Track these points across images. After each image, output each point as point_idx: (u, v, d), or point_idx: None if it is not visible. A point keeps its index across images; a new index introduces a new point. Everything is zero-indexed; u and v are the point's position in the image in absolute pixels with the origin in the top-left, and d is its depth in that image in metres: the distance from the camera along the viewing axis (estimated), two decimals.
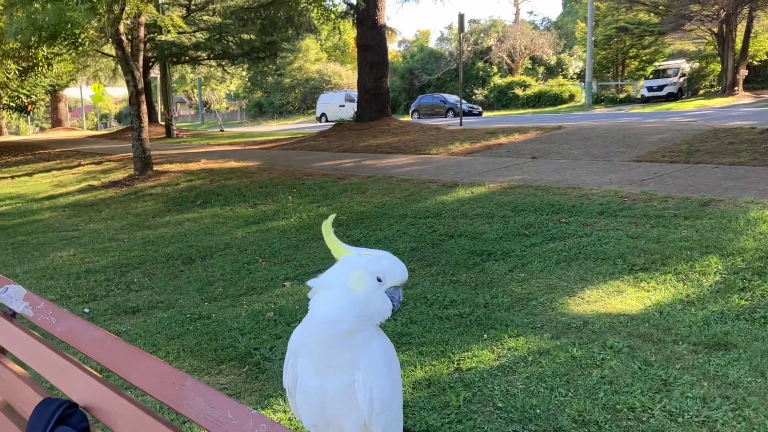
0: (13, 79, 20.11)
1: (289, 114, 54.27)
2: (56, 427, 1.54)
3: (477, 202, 7.47)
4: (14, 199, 11.55)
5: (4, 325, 2.11)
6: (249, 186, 10.18)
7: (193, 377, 1.45)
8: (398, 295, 1.22)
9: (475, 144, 12.98)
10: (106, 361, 1.69)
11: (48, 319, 1.96)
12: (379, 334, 1.24)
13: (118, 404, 1.56)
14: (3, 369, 1.99)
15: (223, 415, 1.32)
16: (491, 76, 47.88)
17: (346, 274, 1.23)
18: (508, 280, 4.96)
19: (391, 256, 1.26)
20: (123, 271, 6.22)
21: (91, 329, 1.80)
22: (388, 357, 1.23)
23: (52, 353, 1.84)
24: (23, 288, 2.17)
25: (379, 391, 1.14)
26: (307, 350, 1.20)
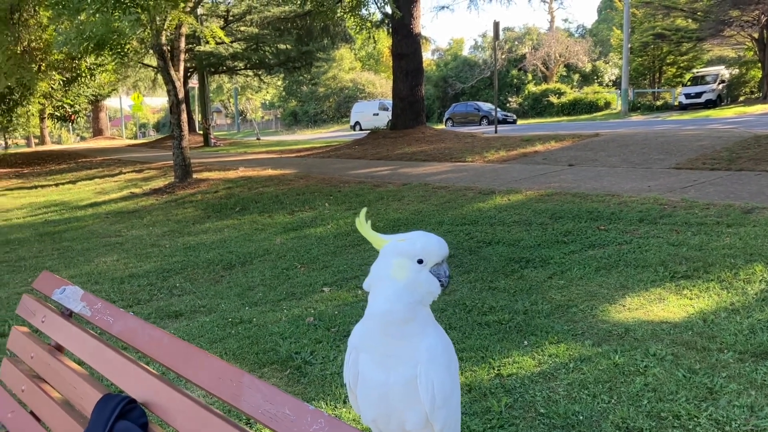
0: (57, 90, 20.67)
1: (323, 123, 54.66)
2: (117, 421, 1.60)
3: (514, 209, 7.45)
4: (59, 206, 11.85)
5: (61, 324, 2.19)
6: (286, 193, 10.29)
7: (250, 374, 1.49)
8: (443, 271, 1.24)
9: (511, 151, 12.93)
10: (164, 359, 1.74)
11: (105, 319, 2.03)
12: (434, 325, 1.27)
13: (175, 400, 1.61)
14: (61, 366, 2.06)
15: (281, 411, 1.35)
16: (526, 83, 47.62)
17: (387, 265, 1.26)
18: (547, 287, 4.94)
19: (426, 234, 1.27)
20: (165, 276, 6.34)
21: (149, 328, 1.86)
22: (447, 351, 1.25)
23: (110, 351, 1.91)
24: (80, 289, 2.25)
25: (440, 385, 1.17)
26: (368, 345, 1.23)
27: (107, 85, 26.11)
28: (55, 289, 2.32)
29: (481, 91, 49.12)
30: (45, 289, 2.40)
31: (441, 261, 1.24)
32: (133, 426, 1.57)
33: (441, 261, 1.24)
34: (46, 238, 8.84)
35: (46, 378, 2.15)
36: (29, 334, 2.37)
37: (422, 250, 1.24)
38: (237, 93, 51.50)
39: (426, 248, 1.24)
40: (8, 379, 2.37)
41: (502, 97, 45.32)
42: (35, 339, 2.32)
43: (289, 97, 58.80)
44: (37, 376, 2.21)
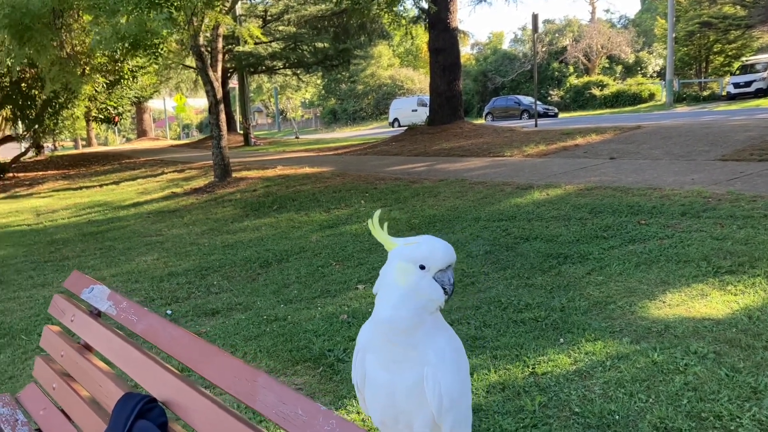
0: (101, 92, 21.15)
1: (363, 120, 54.78)
2: (136, 420, 1.61)
3: (553, 205, 7.32)
4: (103, 206, 12.12)
5: (90, 324, 2.21)
6: (323, 191, 10.33)
7: (266, 374, 1.48)
8: (447, 278, 1.17)
9: (551, 145, 12.74)
10: (183, 358, 1.74)
11: (130, 318, 2.04)
12: (444, 328, 1.22)
13: (194, 400, 1.61)
14: (89, 365, 2.08)
15: (293, 411, 1.34)
16: (567, 76, 46.88)
17: (392, 269, 1.21)
18: (585, 284, 4.84)
19: (432, 239, 1.21)
20: (203, 274, 6.41)
21: (170, 327, 1.87)
22: (457, 352, 1.21)
23: (134, 350, 1.92)
24: (107, 288, 2.28)
25: (447, 387, 1.13)
26: (374, 347, 1.20)
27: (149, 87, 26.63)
28: (84, 288, 2.35)
29: (522, 84, 48.56)
30: (75, 288, 2.44)
31: (445, 268, 1.18)
32: (152, 425, 1.58)
33: (445, 268, 1.18)
34: (89, 237, 9.04)
35: (75, 376, 2.18)
36: (60, 333, 2.41)
37: (425, 255, 1.19)
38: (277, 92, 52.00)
39: (429, 254, 1.19)
40: (41, 376, 2.41)
41: (543, 91, 44.73)
42: (65, 338, 2.35)
43: (328, 96, 59.08)
44: (66, 374, 2.24)
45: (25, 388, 2.47)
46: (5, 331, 5.13)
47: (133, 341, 2.02)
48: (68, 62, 12.87)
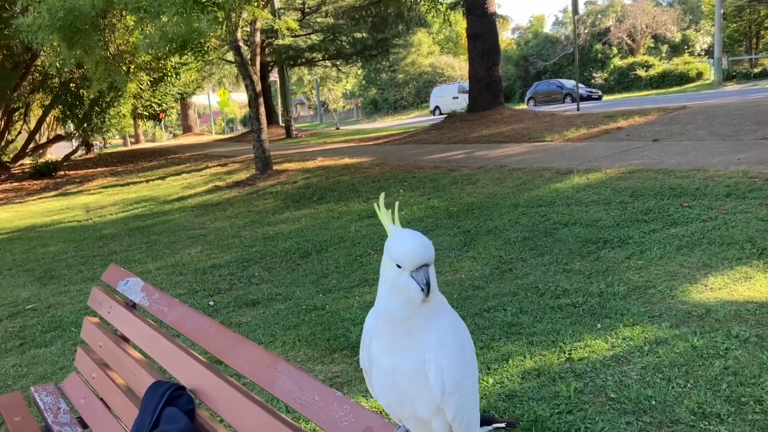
0: (145, 90, 21.61)
1: (404, 109, 54.66)
2: (165, 407, 1.66)
3: (593, 189, 7.21)
4: (149, 201, 12.41)
5: (125, 315, 2.29)
6: (362, 181, 10.37)
7: (285, 361, 1.51)
8: (421, 278, 1.14)
9: (592, 129, 12.51)
10: (209, 347, 1.79)
11: (161, 309, 2.10)
12: (445, 311, 1.22)
13: (218, 387, 1.66)
14: (124, 355, 2.15)
15: (310, 397, 1.37)
16: (611, 58, 45.88)
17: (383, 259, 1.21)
18: (624, 268, 4.76)
19: (408, 238, 1.15)
20: (245, 266, 6.52)
21: (198, 317, 1.92)
22: (459, 335, 1.21)
23: (164, 340, 1.98)
24: (141, 280, 2.35)
25: (450, 371, 1.13)
26: (378, 333, 1.22)
27: (192, 84, 27.08)
28: (120, 281, 2.43)
29: (564, 68, 47.73)
30: (112, 281, 2.52)
31: (418, 268, 1.16)
32: (179, 412, 1.63)
33: (418, 268, 1.16)
34: (135, 232, 9.28)
35: (111, 365, 2.26)
36: (99, 324, 2.50)
37: (398, 255, 1.17)
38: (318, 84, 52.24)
39: (400, 255, 1.16)
40: (82, 366, 2.50)
41: (586, 73, 43.89)
42: (103, 329, 2.44)
43: (369, 86, 59.09)
44: (104, 363, 2.32)
45: (67, 377, 2.56)
46: (56, 324, 5.32)
47: (164, 331, 2.08)
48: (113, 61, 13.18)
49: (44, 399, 2.41)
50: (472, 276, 5.16)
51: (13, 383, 4.23)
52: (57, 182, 19.10)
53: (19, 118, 24.91)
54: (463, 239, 6.29)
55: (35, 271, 7.45)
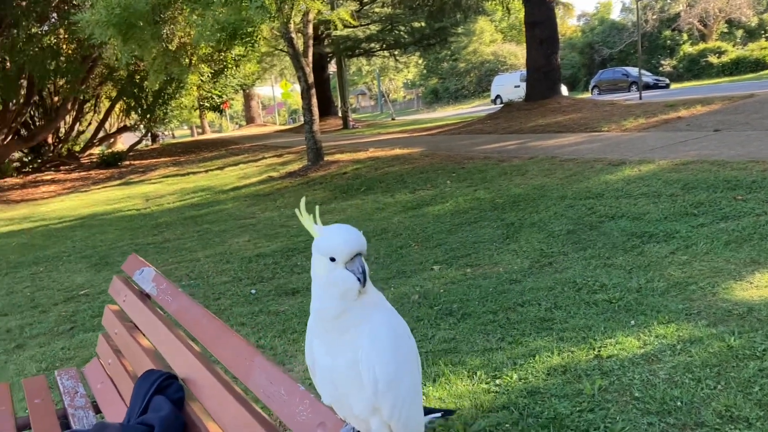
0: (206, 82, 22.12)
1: (465, 98, 54.17)
2: (154, 396, 1.70)
3: (643, 181, 6.99)
4: (205, 190, 12.73)
5: (137, 304, 2.35)
6: (410, 172, 10.35)
7: (262, 355, 1.52)
8: (356, 268, 1.13)
9: (651, 118, 12.11)
10: (200, 337, 1.83)
11: (166, 299, 2.15)
12: (380, 309, 1.20)
13: (205, 378, 1.69)
14: (134, 343, 2.22)
15: (277, 391, 1.38)
16: (680, 44, 44.26)
17: (313, 260, 1.20)
18: (667, 264, 4.61)
19: (338, 230, 1.16)
20: (289, 255, 6.61)
21: (194, 308, 1.96)
22: (393, 332, 1.18)
23: (165, 329, 2.03)
24: (154, 270, 2.41)
25: (382, 369, 1.11)
26: (317, 333, 1.22)
27: (252, 75, 27.55)
28: (136, 270, 2.50)
29: (631, 55, 46.30)
30: (130, 270, 2.59)
31: (352, 258, 1.15)
32: (165, 400, 1.66)
33: (352, 258, 1.15)
34: (189, 221, 9.52)
35: (124, 353, 2.33)
36: (117, 312, 2.58)
37: (330, 248, 1.16)
38: (378, 75, 52.31)
39: (334, 246, 1.15)
40: (101, 352, 2.59)
41: (654, 61, 42.50)
42: (120, 317, 2.51)
43: (430, 75, 58.79)
44: (119, 350, 2.40)
45: (89, 362, 2.66)
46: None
47: (167, 320, 2.13)
48: (172, 54, 13.52)
49: (65, 383, 2.51)
50: (511, 269, 5.09)
51: (61, 365, 4.42)
52: (122, 172, 19.79)
53: (90, 110, 25.90)
54: (506, 232, 6.20)
55: (92, 257, 7.74)
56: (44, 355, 4.62)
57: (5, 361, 4.60)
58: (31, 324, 5.41)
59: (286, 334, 4.40)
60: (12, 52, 17.67)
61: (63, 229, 10.27)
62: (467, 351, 3.67)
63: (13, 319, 5.60)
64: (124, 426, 1.56)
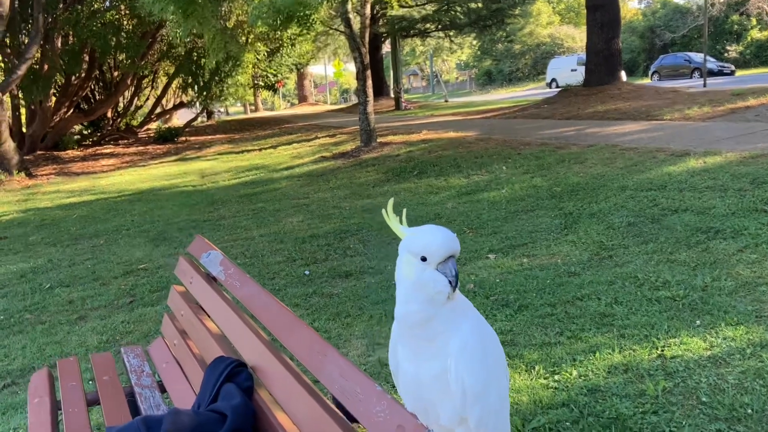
0: (262, 60, 22.27)
1: (519, 81, 53.32)
2: (224, 383, 1.70)
3: (709, 174, 6.75)
4: (259, 169, 12.85)
5: (204, 287, 2.37)
6: (464, 156, 10.23)
7: (335, 350, 1.51)
8: (449, 270, 1.09)
9: (717, 107, 11.68)
10: (271, 326, 1.82)
11: (234, 284, 2.16)
12: (468, 316, 1.16)
13: (275, 367, 1.68)
14: (201, 326, 2.24)
15: (352, 388, 1.36)
16: (748, 29, 42.50)
17: (400, 261, 1.16)
18: (735, 262, 4.44)
19: (432, 230, 1.12)
20: (342, 237, 6.63)
21: (264, 295, 1.96)
22: (482, 341, 1.14)
23: (234, 315, 2.04)
24: (221, 254, 2.42)
25: (471, 380, 1.08)
26: (402, 339, 1.18)
27: (307, 54, 27.62)
28: (203, 253, 2.51)
29: (694, 41, 44.70)
30: (196, 252, 2.61)
31: (445, 259, 1.11)
32: (236, 388, 1.67)
33: (445, 259, 1.11)
34: (244, 199, 9.64)
35: (190, 335, 2.36)
36: (183, 293, 2.61)
37: (423, 247, 1.12)
38: (432, 55, 51.85)
39: (427, 246, 1.12)
40: (167, 332, 2.63)
41: (719, 47, 40.96)
42: (186, 298, 2.54)
43: (484, 56, 57.99)
44: (184, 332, 2.42)
45: (154, 342, 2.70)
46: (163, 285, 5.64)
47: (236, 306, 2.14)
48: (230, 33, 13.63)
49: (131, 361, 2.56)
50: (569, 261, 4.99)
51: (121, 338, 4.53)
52: (178, 147, 20.15)
53: (148, 85, 26.41)
54: (564, 222, 6.08)
55: (150, 232, 7.91)
56: (105, 327, 4.74)
57: (68, 332, 4.74)
58: (92, 296, 5.56)
59: (340, 317, 4.41)
60: (76, 27, 18.09)
61: (122, 203, 10.52)
62: (525, 344, 3.61)
63: (75, 291, 5.77)
64: (196, 413, 1.57)
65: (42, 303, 5.52)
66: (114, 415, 2.11)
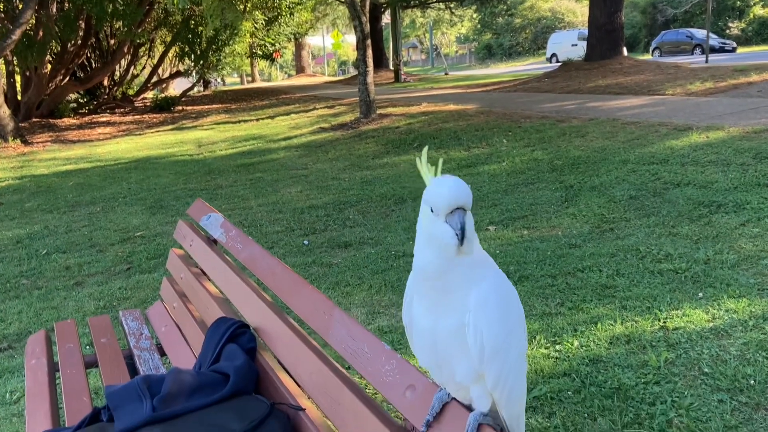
0: (260, 29, 21.99)
1: (519, 55, 52.92)
2: (227, 344, 1.67)
3: (712, 148, 6.70)
4: (257, 139, 12.74)
5: (205, 250, 2.32)
6: (465, 129, 10.15)
7: (341, 309, 1.47)
8: (454, 222, 1.04)
9: (720, 83, 11.59)
10: (274, 287, 1.78)
11: (236, 246, 2.12)
12: (489, 270, 1.11)
13: (279, 328, 1.65)
14: (201, 288, 2.20)
15: (360, 348, 1.32)
16: (750, 6, 42.11)
17: (420, 212, 1.12)
18: (737, 235, 4.42)
19: (442, 179, 1.07)
20: (341, 208, 6.58)
21: (267, 257, 1.91)
22: (505, 297, 1.10)
23: (235, 277, 1.99)
24: (221, 216, 2.37)
25: (490, 336, 1.03)
26: (418, 291, 1.13)
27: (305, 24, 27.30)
28: (203, 215, 2.47)
29: (696, 17, 44.30)
30: (196, 215, 2.57)
31: (452, 211, 1.06)
32: (239, 349, 1.63)
33: (452, 211, 1.06)
34: (241, 169, 9.56)
35: (190, 298, 2.32)
36: (182, 257, 2.56)
37: (431, 198, 1.08)
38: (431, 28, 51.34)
39: (434, 197, 1.07)
40: (166, 296, 2.59)
41: (721, 23, 40.61)
42: (186, 261, 2.50)
43: (484, 30, 57.46)
44: (184, 295, 2.38)
45: (153, 305, 2.67)
46: (160, 252, 5.60)
47: (237, 268, 2.09)
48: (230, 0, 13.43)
49: (130, 324, 2.52)
50: (570, 234, 4.96)
51: (118, 304, 4.50)
52: (174, 117, 19.97)
53: (144, 54, 26.11)
54: (565, 195, 6.04)
55: (147, 200, 7.85)
56: (102, 294, 4.71)
57: (65, 298, 4.71)
58: (89, 263, 5.52)
59: (340, 286, 4.38)
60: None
61: (118, 171, 10.44)
62: (525, 314, 3.57)
63: (72, 257, 5.73)
64: (198, 373, 1.53)
65: (38, 269, 5.48)
66: (112, 378, 2.07)
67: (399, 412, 1.23)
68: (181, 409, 1.42)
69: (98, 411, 1.52)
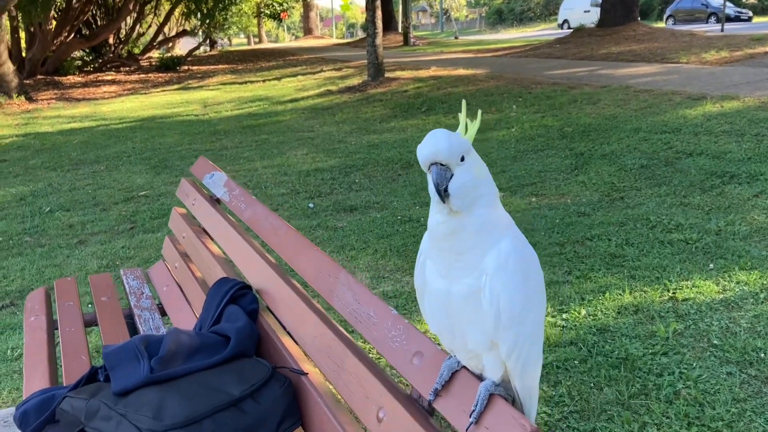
0: None
1: (530, 21, 52.14)
2: (228, 305, 1.62)
3: (726, 118, 6.58)
4: (263, 100, 12.61)
5: (207, 209, 2.27)
6: (474, 94, 10.00)
7: (347, 272, 1.41)
8: (433, 175, 0.97)
9: (735, 52, 11.37)
10: (278, 248, 1.73)
11: (239, 205, 2.06)
12: (508, 233, 1.04)
13: (281, 290, 1.59)
14: (203, 248, 2.14)
15: (366, 312, 1.27)
16: None
17: None
18: (750, 207, 4.34)
19: (430, 133, 1.00)
20: (347, 172, 6.51)
21: (271, 217, 1.85)
22: (524, 262, 1.03)
23: (238, 237, 1.94)
24: (225, 175, 2.31)
25: (507, 302, 0.97)
26: (432, 253, 1.07)
27: None
28: (206, 174, 2.40)
29: None
30: (199, 174, 2.50)
31: (428, 167, 0.99)
32: (240, 311, 1.58)
33: (428, 167, 0.99)
34: (247, 130, 9.46)
35: (192, 257, 2.27)
36: (185, 216, 2.51)
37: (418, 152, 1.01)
38: None
39: (418, 150, 1.00)
40: (168, 255, 2.54)
41: None
42: (188, 220, 2.44)
43: None
44: (186, 255, 2.33)
45: (154, 264, 2.62)
46: (164, 212, 5.55)
47: (241, 228, 2.04)
48: None
49: (131, 282, 2.48)
50: (579, 201, 4.89)
51: (121, 263, 4.47)
52: (180, 76, 19.78)
53: (150, 12, 25.78)
54: (575, 162, 5.95)
55: (151, 160, 7.79)
56: (105, 252, 4.68)
57: (67, 256, 4.68)
58: (92, 221, 5.49)
59: (345, 250, 4.34)
60: None
61: (123, 130, 10.35)
62: None
63: (75, 216, 5.69)
64: (198, 334, 1.49)
65: (41, 226, 5.45)
66: (112, 336, 2.04)
67: (404, 378, 1.18)
68: (180, 371, 1.38)
69: (96, 370, 1.48)
